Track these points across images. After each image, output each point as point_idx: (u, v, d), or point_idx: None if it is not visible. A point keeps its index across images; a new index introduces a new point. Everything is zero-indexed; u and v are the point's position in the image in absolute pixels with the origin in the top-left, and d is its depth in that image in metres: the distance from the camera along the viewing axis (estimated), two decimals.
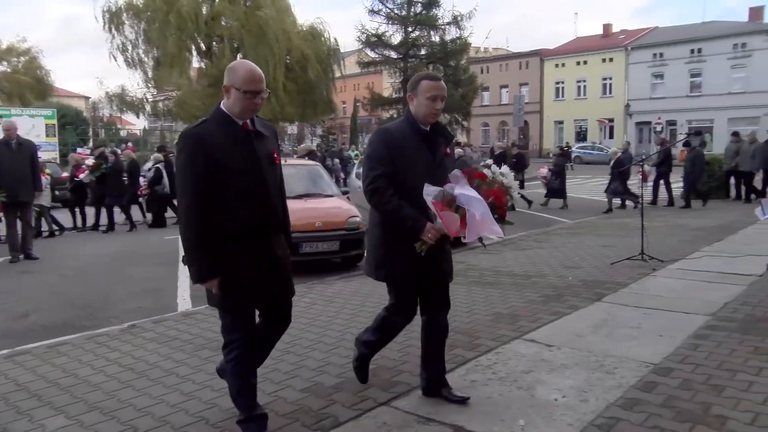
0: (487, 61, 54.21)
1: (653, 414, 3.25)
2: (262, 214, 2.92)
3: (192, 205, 2.79)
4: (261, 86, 2.88)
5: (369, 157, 3.24)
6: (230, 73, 2.85)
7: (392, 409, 3.43)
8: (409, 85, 3.29)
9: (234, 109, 2.86)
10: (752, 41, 41.21)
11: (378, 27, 35.47)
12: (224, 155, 2.79)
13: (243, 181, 2.84)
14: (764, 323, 4.84)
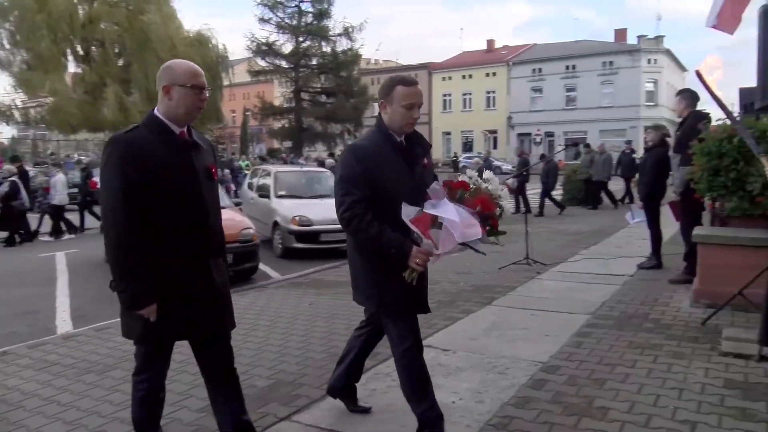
0: (378, 73, 54.89)
1: (544, 410, 3.44)
2: (198, 234, 2.62)
3: (121, 219, 2.46)
4: (204, 81, 2.64)
5: (343, 179, 2.84)
6: (168, 73, 2.59)
7: (294, 424, 3.39)
8: (381, 91, 2.97)
9: (178, 111, 2.57)
10: (618, 60, 44.87)
11: (269, 36, 35.22)
12: (158, 166, 2.49)
13: (178, 196, 2.55)
14: (636, 319, 5.26)
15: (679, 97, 6.63)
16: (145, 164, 2.47)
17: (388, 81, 2.97)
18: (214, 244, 2.72)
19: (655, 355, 4.32)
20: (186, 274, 2.58)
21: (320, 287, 7.14)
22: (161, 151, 2.53)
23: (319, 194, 10.96)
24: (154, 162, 2.49)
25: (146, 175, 2.47)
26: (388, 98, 2.91)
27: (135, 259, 2.47)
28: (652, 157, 7.20)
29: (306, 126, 36.16)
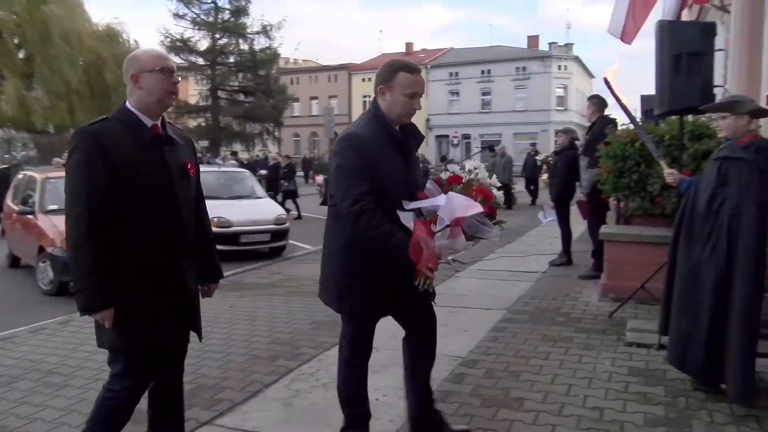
0: (297, 73, 54.71)
1: (464, 403, 3.56)
2: (169, 234, 2.47)
3: (84, 216, 2.30)
4: (173, 64, 2.51)
5: (344, 170, 2.61)
6: (133, 62, 2.45)
7: (216, 428, 3.33)
8: (381, 76, 2.73)
9: (150, 99, 2.43)
10: (530, 66, 46.68)
11: (183, 32, 34.14)
12: (128, 160, 2.36)
13: (148, 194, 2.41)
14: (549, 314, 5.52)
15: (588, 103, 7.01)
16: (111, 159, 2.33)
17: (389, 66, 2.75)
18: (187, 244, 2.57)
19: (566, 347, 4.55)
20: (158, 276, 2.45)
21: (241, 289, 7.03)
22: (130, 146, 2.38)
23: (238, 195, 10.77)
24: (121, 157, 2.35)
25: (113, 170, 2.32)
26: (389, 84, 2.70)
27: (94, 260, 2.32)
28: (563, 159, 7.57)
29: (223, 125, 35.36)
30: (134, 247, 2.40)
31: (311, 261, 8.96)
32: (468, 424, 3.26)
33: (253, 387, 3.90)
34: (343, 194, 2.59)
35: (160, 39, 33.47)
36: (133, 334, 2.42)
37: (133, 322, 2.41)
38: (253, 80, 35.37)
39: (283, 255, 9.96)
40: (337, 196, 2.64)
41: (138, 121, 2.44)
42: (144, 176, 2.40)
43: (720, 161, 3.56)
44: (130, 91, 2.47)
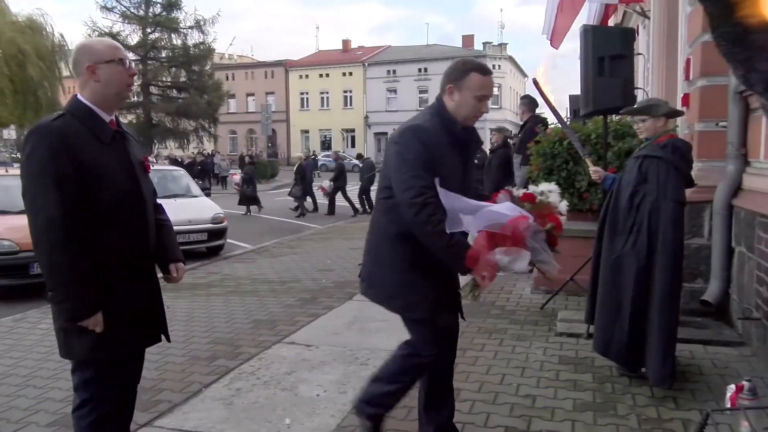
0: (233, 69, 53.76)
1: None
2: (142, 234, 2.39)
3: (57, 220, 2.13)
4: (126, 53, 2.40)
5: (407, 161, 2.50)
6: (87, 52, 2.32)
7: (155, 429, 3.30)
8: (451, 74, 2.61)
9: (107, 91, 2.32)
10: None
11: (112, 26, 32.95)
12: (94, 159, 2.23)
13: (118, 193, 2.30)
14: (485, 307, 5.68)
15: (520, 103, 7.25)
16: (78, 158, 2.19)
17: (462, 64, 2.65)
18: (151, 244, 2.48)
19: (501, 338, 4.72)
20: (129, 277, 2.35)
21: (177, 290, 6.90)
22: (94, 144, 2.26)
23: (173, 194, 10.54)
24: (87, 156, 2.22)
25: (80, 170, 2.19)
26: (459, 84, 2.58)
27: (74, 266, 2.18)
28: (497, 157, 7.80)
29: (156, 122, 34.38)
30: (108, 250, 2.29)
31: (249, 260, 8.91)
32: (407, 417, 3.35)
33: (192, 387, 3.88)
34: (405, 185, 2.49)
35: (87, 32, 32.18)
36: (108, 343, 2.29)
37: (108, 331, 2.27)
38: (186, 76, 34.52)
39: (221, 254, 9.82)
40: (397, 187, 2.53)
41: (98, 117, 2.32)
42: (112, 175, 2.29)
43: (641, 159, 3.78)
44: (83, 84, 2.33)
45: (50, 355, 4.56)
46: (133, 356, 2.49)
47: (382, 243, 2.71)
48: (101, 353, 2.30)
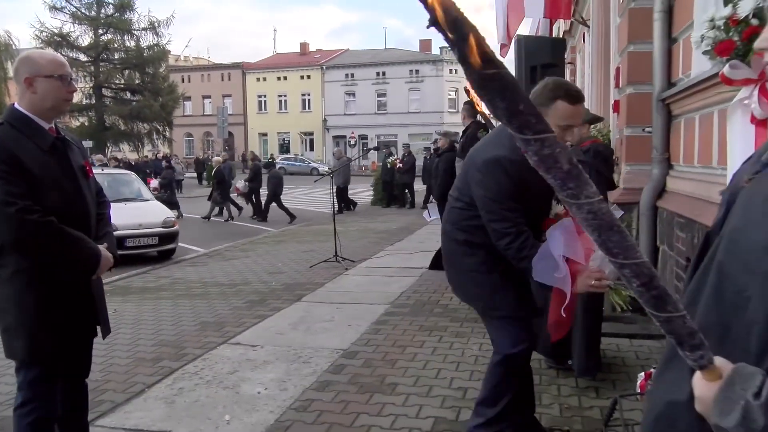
0: (189, 71, 53.04)
1: (341, 391, 3.79)
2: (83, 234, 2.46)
3: (25, 208, 2.22)
4: (70, 71, 2.46)
5: (493, 192, 2.56)
6: (29, 63, 2.37)
7: (97, 428, 3.35)
8: (537, 98, 2.48)
9: (44, 104, 2.38)
10: (423, 69, 47.99)
11: (62, 26, 32.20)
12: (37, 167, 2.29)
13: (59, 197, 2.36)
14: (428, 306, 5.88)
15: (462, 108, 7.47)
16: (20, 166, 2.26)
17: (550, 90, 2.50)
18: None
19: (440, 335, 4.91)
20: (70, 279, 2.44)
21: (126, 294, 6.91)
22: (35, 152, 2.33)
23: (124, 198, 10.45)
24: (29, 163, 2.29)
25: (22, 177, 2.26)
26: (545, 109, 2.45)
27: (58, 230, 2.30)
28: (444, 161, 8.02)
29: (109, 125, 33.71)
30: None
31: (201, 264, 8.92)
32: (343, 411, 3.49)
33: (135, 388, 3.93)
34: (493, 215, 2.58)
35: (35, 33, 31.41)
36: (50, 342, 2.39)
37: (48, 331, 2.37)
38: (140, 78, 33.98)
39: (172, 258, 9.79)
40: (486, 217, 2.61)
41: (36, 125, 2.38)
42: (55, 182, 2.36)
43: None
44: (21, 93, 2.40)
45: None
46: (76, 353, 2.57)
47: (458, 251, 2.86)
48: (41, 353, 2.38)
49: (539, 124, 0.70)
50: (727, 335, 0.89)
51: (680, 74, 4.56)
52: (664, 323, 0.81)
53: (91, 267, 2.47)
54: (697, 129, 4.18)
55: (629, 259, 0.77)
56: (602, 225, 0.75)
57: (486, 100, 0.69)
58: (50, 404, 2.48)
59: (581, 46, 10.27)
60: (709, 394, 0.83)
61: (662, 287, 0.80)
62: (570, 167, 0.71)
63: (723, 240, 0.95)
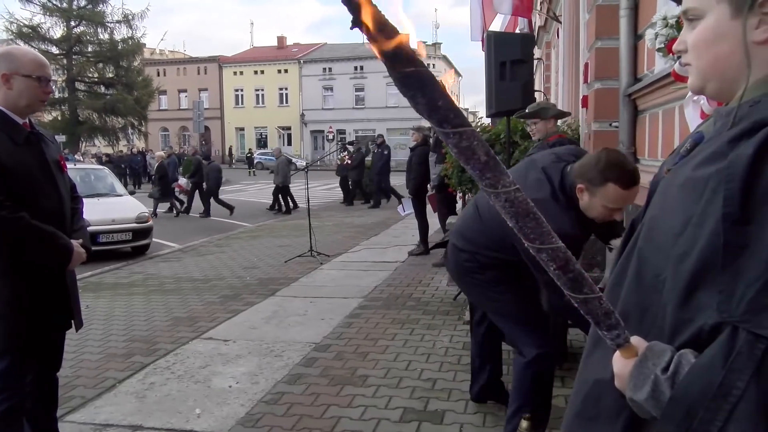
0: (164, 64, 52.40)
1: (312, 383, 3.83)
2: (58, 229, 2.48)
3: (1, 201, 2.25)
4: (50, 72, 2.49)
5: None
6: (9, 59, 2.38)
7: (67, 424, 3.35)
8: (587, 172, 2.30)
9: (18, 102, 2.39)
10: None
11: (32, 17, 31.58)
12: (10, 161, 2.31)
13: (33, 192, 2.39)
14: (401, 299, 5.94)
15: None
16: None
17: (600, 169, 2.26)
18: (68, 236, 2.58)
19: (412, 328, 4.97)
20: (45, 274, 2.47)
21: (98, 290, 6.86)
22: (9, 145, 2.34)
23: (96, 193, 10.34)
24: (4, 158, 2.30)
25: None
26: (594, 188, 2.30)
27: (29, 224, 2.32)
28: (417, 155, 8.09)
29: (83, 119, 33.19)
30: None
31: (175, 259, 8.88)
32: (313, 403, 3.53)
33: (106, 383, 3.94)
34: None
35: (5, 24, 30.78)
36: (22, 331, 2.42)
37: (22, 322, 2.41)
38: (114, 72, 33.47)
39: (146, 254, 9.72)
40: None
41: (10, 119, 2.40)
42: (29, 176, 2.39)
43: None
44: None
45: None
46: (47, 344, 2.60)
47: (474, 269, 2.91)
48: (14, 343, 2.40)
49: (457, 119, 0.74)
50: (646, 316, 0.94)
51: (645, 70, 4.65)
52: (582, 304, 0.86)
53: (63, 261, 2.50)
54: (661, 124, 4.28)
55: (545, 244, 0.81)
56: (519, 212, 0.79)
57: (408, 96, 0.74)
58: (20, 395, 2.49)
59: (555, 41, 10.40)
60: (626, 370, 0.89)
61: (578, 269, 0.84)
62: (487, 159, 0.76)
63: (643, 227, 1.01)
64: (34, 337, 2.48)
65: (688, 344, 0.84)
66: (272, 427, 3.25)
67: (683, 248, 0.85)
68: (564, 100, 8.13)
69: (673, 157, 1.05)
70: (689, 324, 0.84)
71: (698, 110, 2.22)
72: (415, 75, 0.71)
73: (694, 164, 0.90)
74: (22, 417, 2.55)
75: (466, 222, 3.02)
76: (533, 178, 2.50)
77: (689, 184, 0.88)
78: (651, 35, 2.54)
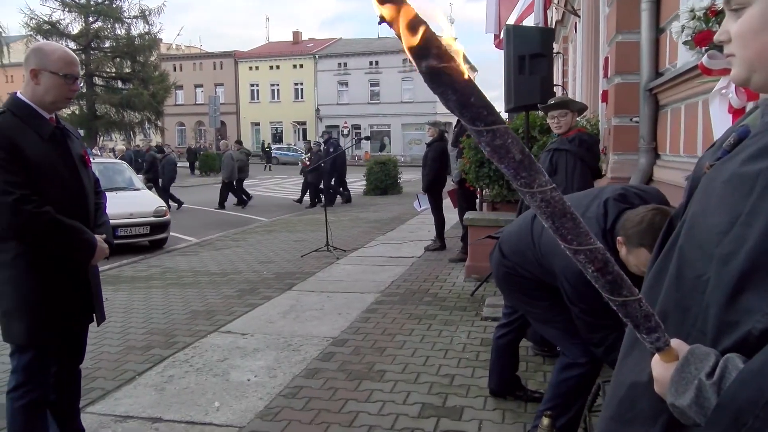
0: (180, 59, 52.71)
1: (330, 378, 3.83)
2: (81, 223, 2.52)
3: (22, 198, 2.28)
4: (79, 70, 2.52)
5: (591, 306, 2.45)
6: (38, 55, 2.41)
7: (88, 415, 3.38)
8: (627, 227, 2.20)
9: (45, 98, 2.43)
10: None
11: (51, 13, 31.89)
12: (37, 155, 2.35)
13: (59, 186, 2.43)
14: (418, 294, 5.93)
15: None
16: (20, 152, 2.31)
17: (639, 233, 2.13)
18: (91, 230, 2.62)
19: (429, 323, 4.96)
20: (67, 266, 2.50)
21: (117, 283, 6.92)
22: (36, 140, 2.38)
23: (115, 187, 10.43)
24: (30, 152, 2.34)
25: (25, 165, 2.32)
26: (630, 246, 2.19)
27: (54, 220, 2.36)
28: (433, 150, 8.05)
29: (100, 114, 33.47)
30: None
31: (192, 253, 8.93)
32: (331, 398, 3.53)
33: (126, 375, 3.97)
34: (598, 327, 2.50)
35: (25, 20, 31.11)
36: (46, 327, 2.45)
37: (45, 315, 2.44)
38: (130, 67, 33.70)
39: (164, 248, 9.79)
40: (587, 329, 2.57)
41: (37, 114, 2.43)
42: (54, 170, 2.42)
43: (551, 152, 4.06)
44: (26, 82, 2.45)
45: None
46: (70, 337, 2.64)
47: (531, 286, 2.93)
48: (39, 337, 2.44)
49: (491, 116, 0.72)
50: (686, 318, 0.91)
51: (667, 64, 4.59)
52: (621, 307, 0.84)
53: (87, 256, 2.53)
54: (683, 118, 4.22)
55: (583, 245, 0.79)
56: (555, 213, 0.77)
57: (438, 93, 0.72)
58: (44, 388, 2.53)
59: (573, 35, 10.29)
60: (666, 374, 0.85)
61: (617, 271, 0.82)
62: (522, 157, 0.73)
63: (684, 225, 0.97)
64: (57, 331, 2.51)
65: (733, 348, 0.81)
66: (291, 421, 3.26)
67: (729, 248, 0.82)
68: (582, 94, 8.04)
69: (714, 151, 1.02)
70: (735, 327, 0.81)
71: (726, 104, 2.17)
72: (446, 71, 0.69)
73: (741, 159, 0.86)
74: (46, 409, 2.59)
75: (521, 235, 2.90)
76: (593, 210, 2.42)
77: (736, 180, 0.85)
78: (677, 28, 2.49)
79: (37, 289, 2.43)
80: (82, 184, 2.53)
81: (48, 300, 2.44)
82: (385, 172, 18.00)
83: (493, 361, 3.52)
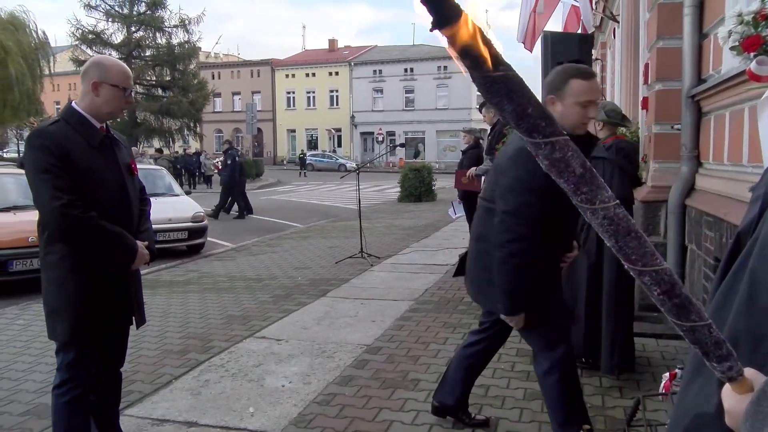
0: (218, 67, 53.70)
1: (364, 386, 3.82)
2: (124, 229, 2.62)
3: (73, 200, 2.40)
4: (132, 83, 2.68)
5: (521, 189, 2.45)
6: (98, 69, 2.57)
7: (126, 417, 3.43)
8: (550, 84, 2.48)
9: (102, 109, 2.57)
10: (451, 65, 47.61)
11: (96, 24, 32.89)
12: (86, 163, 2.48)
13: (106, 193, 2.55)
14: (452, 303, 5.88)
15: (485, 108, 7.39)
16: (69, 159, 2.43)
17: (560, 73, 2.49)
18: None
19: (464, 332, 4.90)
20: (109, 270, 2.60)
21: (155, 287, 7.05)
22: (85, 148, 2.50)
23: (153, 193, 10.63)
24: (79, 159, 2.46)
25: (73, 172, 2.43)
26: (560, 93, 2.45)
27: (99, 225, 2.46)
28: (468, 158, 7.99)
29: (141, 121, 34.31)
30: None
31: (229, 258, 9.04)
32: (365, 406, 3.52)
33: (162, 379, 4.03)
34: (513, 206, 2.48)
35: (71, 30, 32.14)
36: (88, 326, 2.55)
37: (88, 316, 2.53)
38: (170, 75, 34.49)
39: (201, 253, 9.94)
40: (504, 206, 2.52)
41: (89, 124, 2.56)
42: (101, 178, 2.54)
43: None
44: (84, 93, 2.57)
45: (26, 348, 4.69)
46: (111, 339, 2.73)
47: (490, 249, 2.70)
48: (81, 336, 2.55)
49: (549, 127, 0.68)
50: (760, 345, 0.85)
51: (710, 70, 4.47)
52: (688, 332, 0.78)
53: (127, 260, 2.62)
54: (728, 126, 4.10)
55: (648, 266, 0.73)
56: (619, 231, 0.72)
57: (493, 103, 0.69)
58: (85, 387, 2.62)
59: (611, 41, 10.13)
60: (740, 407, 0.78)
61: (685, 295, 0.76)
62: (583, 171, 0.69)
63: (757, 245, 0.90)
64: (99, 332, 2.60)
65: None
66: (324, 428, 3.25)
67: None
68: (622, 101, 7.90)
69: None
70: None
71: None
72: (502, 79, 0.67)
73: None
74: (87, 408, 2.65)
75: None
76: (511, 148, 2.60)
77: None
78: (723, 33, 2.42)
79: (81, 289, 2.52)
80: (126, 191, 2.64)
81: (90, 301, 2.53)
82: (420, 179, 17.99)
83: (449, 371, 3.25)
